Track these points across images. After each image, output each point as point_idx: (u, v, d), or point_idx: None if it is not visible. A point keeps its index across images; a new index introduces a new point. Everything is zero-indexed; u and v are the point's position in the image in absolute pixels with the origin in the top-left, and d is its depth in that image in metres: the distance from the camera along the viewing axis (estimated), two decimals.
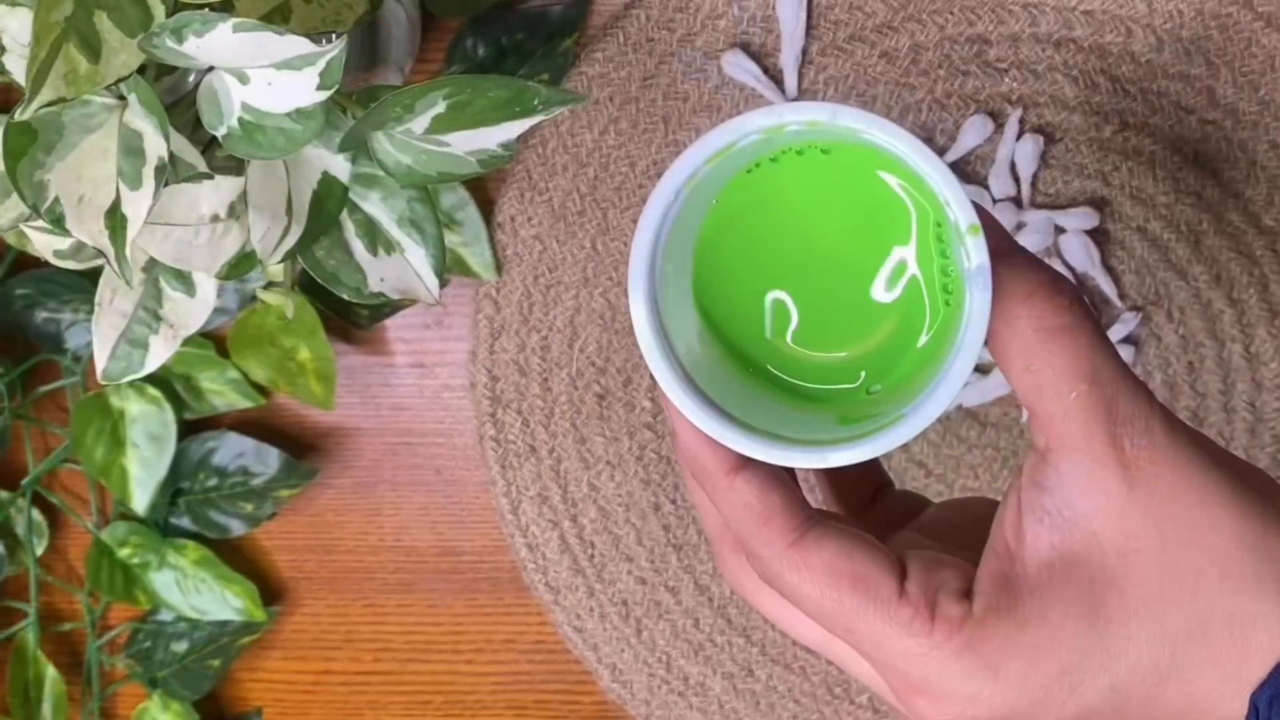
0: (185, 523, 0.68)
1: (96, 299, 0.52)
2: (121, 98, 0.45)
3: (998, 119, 0.63)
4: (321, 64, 0.43)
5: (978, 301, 0.34)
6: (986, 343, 0.35)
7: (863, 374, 0.40)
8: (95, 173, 0.44)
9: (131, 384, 0.65)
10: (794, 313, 0.39)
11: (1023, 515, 0.35)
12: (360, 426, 0.69)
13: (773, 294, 0.39)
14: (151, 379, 0.65)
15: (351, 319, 0.67)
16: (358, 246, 0.53)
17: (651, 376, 0.46)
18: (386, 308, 0.66)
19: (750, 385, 0.39)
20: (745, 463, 0.36)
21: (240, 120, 0.45)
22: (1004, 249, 0.35)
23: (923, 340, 0.37)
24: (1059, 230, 0.63)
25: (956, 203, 0.34)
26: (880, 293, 0.38)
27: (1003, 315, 0.35)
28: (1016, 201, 0.63)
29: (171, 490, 0.68)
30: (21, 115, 0.42)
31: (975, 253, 0.34)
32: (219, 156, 0.51)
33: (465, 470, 0.69)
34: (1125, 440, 0.34)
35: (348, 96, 0.51)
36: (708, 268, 0.39)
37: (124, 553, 0.68)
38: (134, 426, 0.65)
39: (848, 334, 0.39)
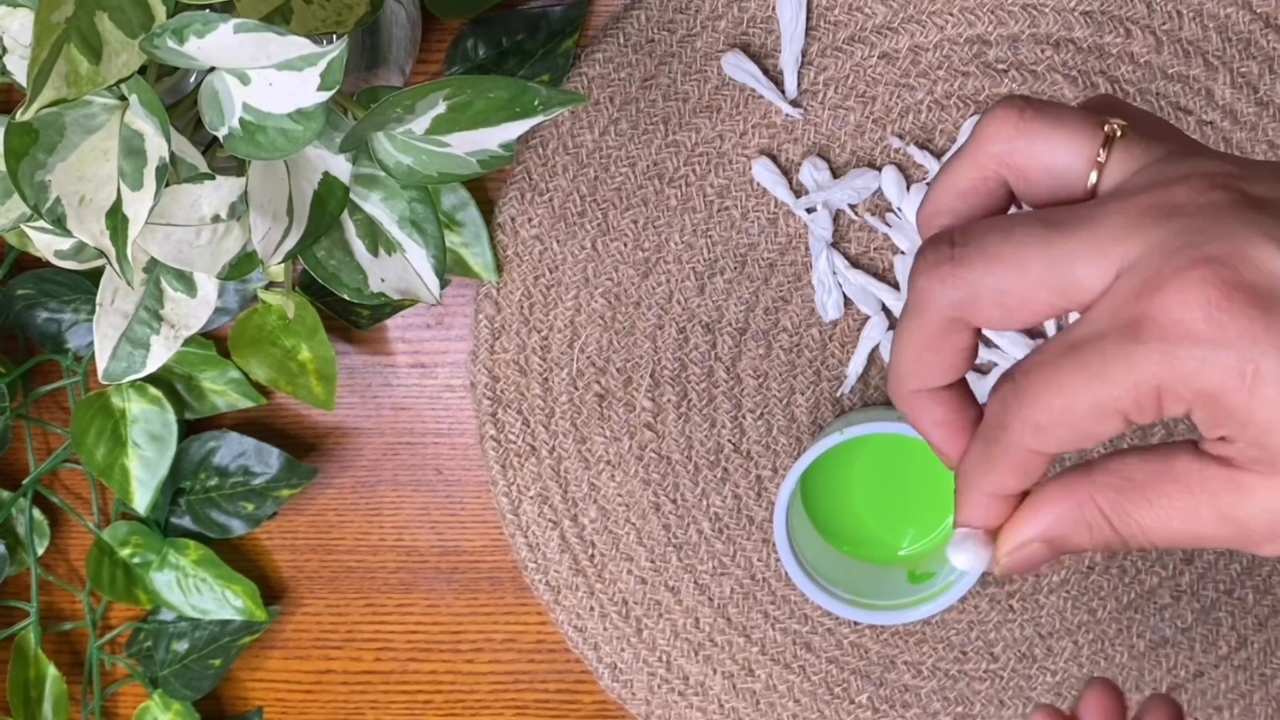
0: (186, 522, 0.69)
1: (98, 299, 0.53)
2: (123, 98, 0.45)
3: None
4: (322, 65, 0.43)
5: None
6: None
7: (910, 532, 0.66)
8: (96, 173, 0.44)
9: (133, 384, 0.65)
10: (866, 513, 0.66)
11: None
12: (361, 426, 0.69)
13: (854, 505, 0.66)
14: (153, 379, 0.65)
15: (352, 319, 0.67)
16: (359, 247, 0.53)
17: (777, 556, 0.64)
18: (387, 308, 0.67)
19: (844, 558, 0.65)
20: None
21: (241, 121, 0.45)
22: None
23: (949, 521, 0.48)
24: None
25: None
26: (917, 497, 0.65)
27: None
28: (1015, 202, 0.63)
29: (172, 490, 0.68)
30: (23, 116, 0.42)
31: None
32: (220, 157, 0.51)
33: (466, 470, 0.69)
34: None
35: (349, 97, 0.51)
36: (816, 494, 0.65)
37: (125, 552, 0.68)
38: (135, 426, 0.65)
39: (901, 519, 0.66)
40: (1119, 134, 0.34)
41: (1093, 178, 0.34)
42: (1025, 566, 0.35)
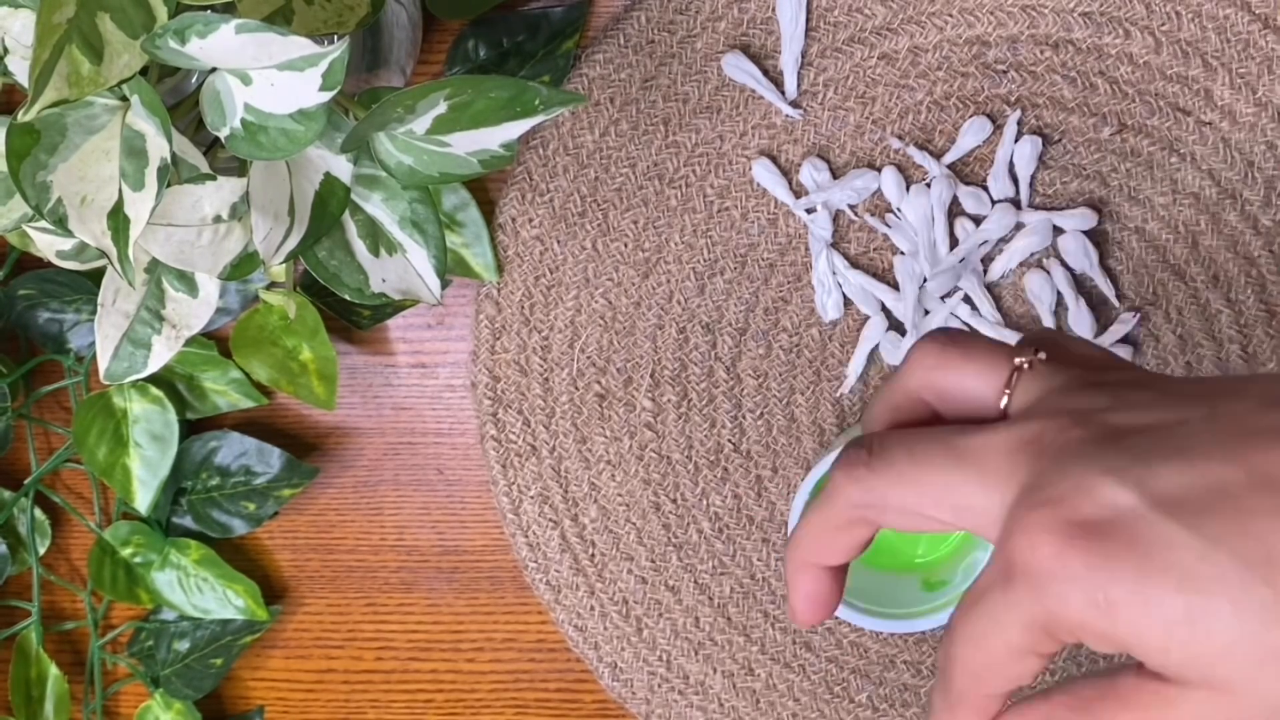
0: (187, 522, 0.69)
1: (99, 299, 0.53)
2: (124, 99, 0.45)
3: (996, 120, 0.63)
4: (324, 65, 0.43)
5: None
6: None
7: (923, 540, 0.64)
8: (98, 174, 0.44)
9: (134, 384, 0.65)
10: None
11: None
12: (362, 426, 0.69)
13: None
14: (154, 379, 0.65)
15: (353, 319, 0.67)
16: (360, 247, 0.54)
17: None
18: (388, 308, 0.67)
19: (857, 565, 0.61)
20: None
21: (243, 121, 0.45)
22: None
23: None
24: (1057, 231, 0.63)
25: None
26: None
27: None
28: (1015, 203, 0.64)
29: (174, 490, 0.68)
30: (24, 116, 0.43)
31: None
32: (221, 157, 0.51)
33: (466, 470, 0.69)
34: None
35: (350, 98, 0.51)
36: None
37: (126, 552, 0.68)
38: (136, 426, 0.65)
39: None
40: (1028, 366, 0.37)
41: (1004, 402, 0.37)
42: None
